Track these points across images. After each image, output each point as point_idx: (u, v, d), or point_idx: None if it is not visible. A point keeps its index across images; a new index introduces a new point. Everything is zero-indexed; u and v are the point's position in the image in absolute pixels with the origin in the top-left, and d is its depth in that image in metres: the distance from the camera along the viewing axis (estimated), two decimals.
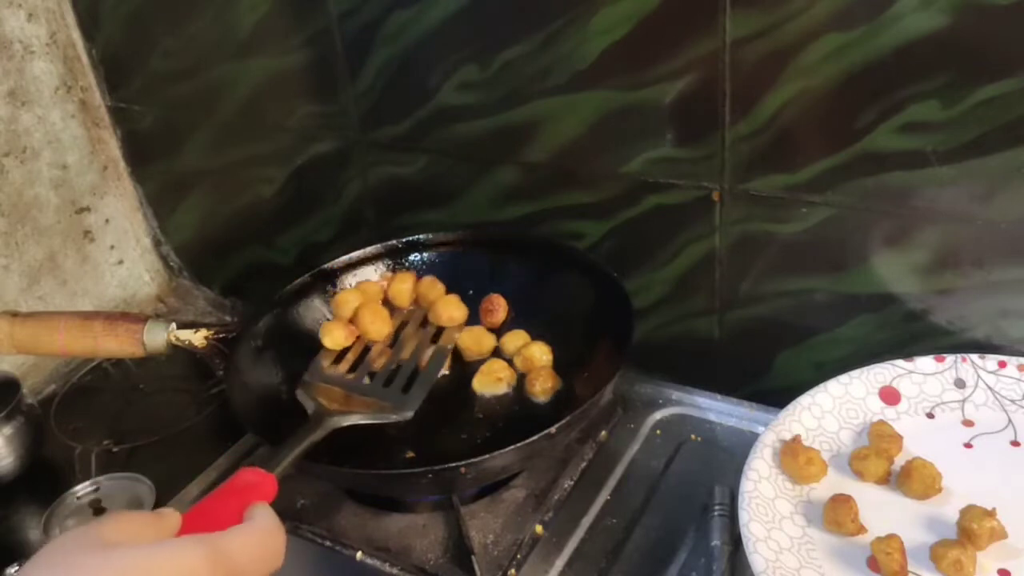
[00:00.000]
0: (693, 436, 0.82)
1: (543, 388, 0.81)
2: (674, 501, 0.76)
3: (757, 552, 0.62)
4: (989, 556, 0.61)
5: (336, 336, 0.85)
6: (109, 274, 1.18)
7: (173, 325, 0.82)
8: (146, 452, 0.92)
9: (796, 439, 0.70)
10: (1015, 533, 0.62)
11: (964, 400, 0.73)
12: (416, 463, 0.73)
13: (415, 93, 0.88)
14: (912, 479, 0.66)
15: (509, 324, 0.88)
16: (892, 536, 0.62)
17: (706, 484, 0.74)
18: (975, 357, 0.74)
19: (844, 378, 0.74)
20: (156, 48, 1.03)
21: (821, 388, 0.74)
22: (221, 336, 0.82)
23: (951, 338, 0.75)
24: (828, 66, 0.69)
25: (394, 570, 0.73)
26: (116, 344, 0.82)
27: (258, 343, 0.83)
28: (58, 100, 1.08)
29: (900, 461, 0.69)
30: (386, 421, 0.74)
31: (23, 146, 1.05)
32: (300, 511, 0.79)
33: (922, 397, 0.74)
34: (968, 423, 0.72)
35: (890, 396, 0.74)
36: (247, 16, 0.94)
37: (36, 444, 0.91)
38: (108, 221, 1.16)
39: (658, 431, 0.83)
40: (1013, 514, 0.63)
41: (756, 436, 0.72)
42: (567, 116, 0.82)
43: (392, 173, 0.96)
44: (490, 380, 0.82)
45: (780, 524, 0.65)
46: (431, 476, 0.68)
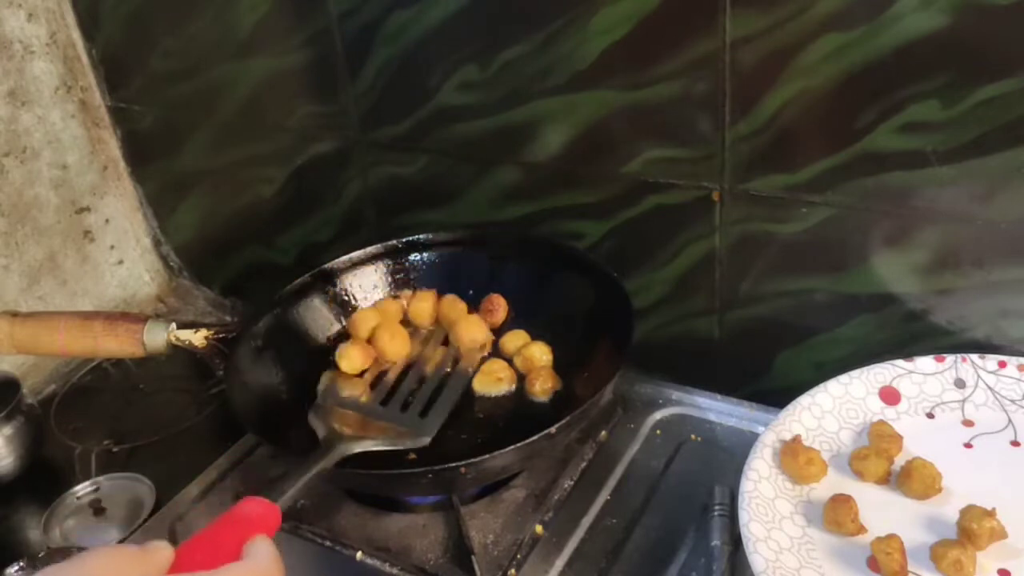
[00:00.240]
0: (693, 436, 0.82)
1: (543, 388, 0.81)
2: (674, 501, 0.76)
3: (757, 552, 0.62)
4: (989, 556, 0.61)
5: (353, 359, 0.83)
6: (109, 274, 1.18)
7: (173, 325, 0.82)
8: (146, 452, 0.92)
9: (796, 439, 0.70)
10: (1015, 533, 0.62)
11: (964, 400, 0.73)
12: (416, 463, 0.73)
13: (415, 93, 0.88)
14: (912, 479, 0.66)
15: (509, 324, 0.88)
16: (892, 536, 0.62)
17: (706, 484, 0.74)
18: (975, 357, 0.74)
19: (844, 378, 0.74)
20: (156, 48, 1.03)
21: (821, 388, 0.74)
22: (221, 336, 0.82)
23: (951, 338, 0.75)
24: (828, 66, 0.69)
25: (394, 570, 0.73)
26: (116, 344, 0.82)
27: (258, 343, 0.83)
28: (58, 100, 1.08)
29: (900, 461, 0.69)
30: (402, 448, 0.72)
31: (23, 146, 1.05)
32: (300, 511, 0.79)
33: (922, 397, 0.74)
34: (968, 423, 0.72)
35: (890, 396, 0.74)
36: (247, 16, 0.94)
37: (36, 444, 0.91)
38: (108, 221, 1.16)
39: (658, 431, 0.83)
40: (1013, 514, 0.63)
41: (756, 436, 0.72)
42: (567, 116, 0.82)
43: (392, 173, 0.96)
44: (490, 380, 0.82)
45: (780, 524, 0.65)
46: (431, 476, 0.68)
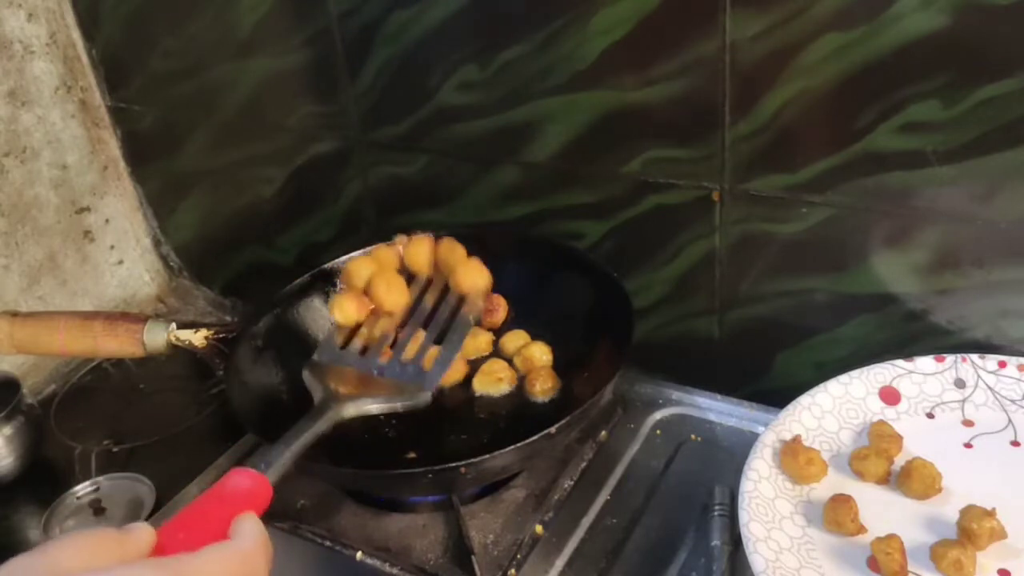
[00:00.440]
0: (693, 436, 0.82)
1: (543, 388, 0.80)
2: (674, 501, 0.76)
3: (757, 552, 0.62)
4: (989, 556, 0.61)
5: (347, 309, 0.76)
6: (109, 274, 1.18)
7: (173, 325, 0.82)
8: (146, 452, 0.92)
9: (796, 439, 0.70)
10: (1015, 533, 0.62)
11: (964, 400, 0.73)
12: (416, 463, 0.73)
13: (415, 93, 0.88)
14: (912, 479, 0.66)
15: (509, 324, 0.88)
16: (892, 536, 0.62)
17: (706, 484, 0.74)
18: (975, 357, 0.74)
19: (844, 378, 0.74)
20: (156, 48, 1.03)
21: (821, 388, 0.74)
22: (221, 336, 0.82)
23: (951, 338, 0.75)
24: (828, 66, 0.69)
25: (394, 570, 0.73)
26: (116, 344, 0.82)
27: (258, 343, 0.83)
28: (58, 100, 1.08)
29: (900, 461, 0.69)
30: (403, 405, 0.69)
31: (23, 146, 1.05)
32: (300, 511, 0.79)
33: (922, 397, 0.74)
34: (968, 423, 0.72)
35: (890, 396, 0.74)
36: (247, 16, 0.94)
37: (36, 444, 0.91)
38: (108, 221, 1.16)
39: (658, 431, 0.83)
40: (1013, 514, 0.63)
41: (756, 436, 0.72)
42: (567, 116, 0.82)
43: (392, 173, 0.96)
44: (490, 380, 0.82)
45: (780, 524, 0.65)
46: (431, 476, 0.68)
